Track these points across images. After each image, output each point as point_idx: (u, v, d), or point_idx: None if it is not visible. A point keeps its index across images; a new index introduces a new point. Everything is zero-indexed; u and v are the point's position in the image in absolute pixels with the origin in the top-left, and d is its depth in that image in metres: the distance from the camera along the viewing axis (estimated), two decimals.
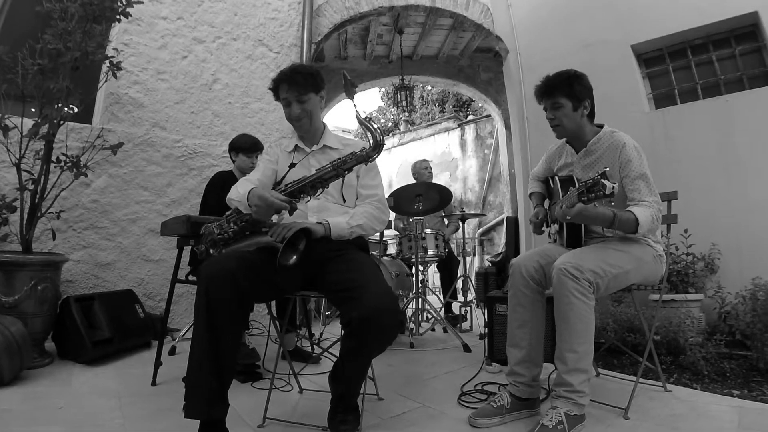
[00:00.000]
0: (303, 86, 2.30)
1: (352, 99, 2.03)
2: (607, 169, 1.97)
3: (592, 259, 2.20)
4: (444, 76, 8.73)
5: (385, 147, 2.14)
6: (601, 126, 2.54)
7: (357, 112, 2.05)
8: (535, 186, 2.94)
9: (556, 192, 2.65)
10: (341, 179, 2.16)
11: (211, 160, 4.93)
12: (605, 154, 2.47)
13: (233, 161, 3.91)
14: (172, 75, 4.88)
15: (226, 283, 1.82)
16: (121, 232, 4.41)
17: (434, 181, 6.39)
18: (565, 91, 2.45)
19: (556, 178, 2.64)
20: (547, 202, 2.89)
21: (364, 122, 2.06)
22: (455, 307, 5.73)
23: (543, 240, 2.93)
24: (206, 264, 1.90)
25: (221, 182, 3.76)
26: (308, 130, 2.40)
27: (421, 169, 5.95)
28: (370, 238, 3.60)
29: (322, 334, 4.48)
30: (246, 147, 3.81)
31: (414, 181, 5.66)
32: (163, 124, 4.76)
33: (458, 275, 5.53)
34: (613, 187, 1.89)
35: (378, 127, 2.05)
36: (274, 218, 2.24)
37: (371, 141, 2.07)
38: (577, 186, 2.14)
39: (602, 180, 1.92)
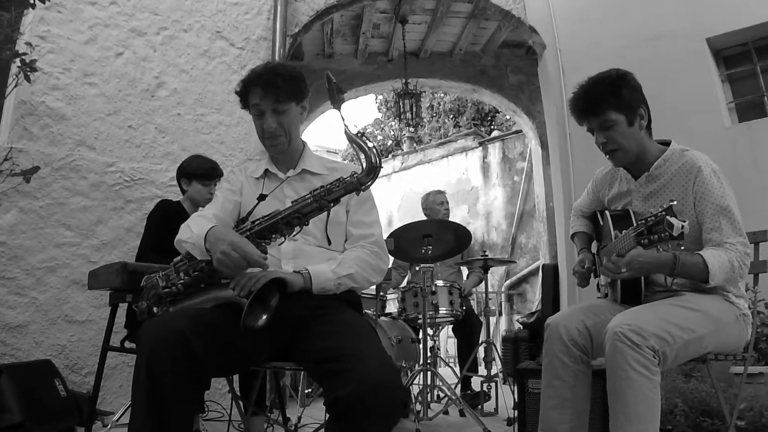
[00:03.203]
0: (283, 92, 2.28)
1: (338, 109, 2.02)
2: (675, 202, 1.99)
3: (657, 320, 2.18)
4: (460, 79, 8.80)
5: (382, 172, 2.13)
6: (667, 143, 2.54)
7: (345, 125, 2.00)
8: (579, 224, 2.96)
9: (606, 231, 2.64)
10: (325, 214, 2.15)
11: (154, 190, 4.96)
12: (674, 180, 2.46)
13: (183, 191, 3.95)
14: (102, 78, 4.95)
15: (174, 351, 1.80)
16: (36, 284, 4.42)
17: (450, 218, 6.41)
18: (614, 103, 2.41)
19: (607, 213, 2.64)
20: (594, 245, 2.87)
21: (355, 139, 2.01)
22: (475, 382, 5.70)
23: (590, 294, 2.93)
24: (148, 326, 1.90)
25: (165, 213, 3.79)
26: (284, 150, 2.41)
27: (435, 204, 5.98)
28: (363, 292, 3.62)
29: (300, 418, 4.44)
30: (202, 173, 3.86)
31: (424, 218, 5.68)
32: (91, 143, 4.81)
33: (480, 341, 5.52)
34: (682, 226, 1.91)
35: (373, 147, 2.03)
36: None
37: (364, 164, 2.03)
38: (634, 224, 2.13)
39: (668, 217, 1.93)
